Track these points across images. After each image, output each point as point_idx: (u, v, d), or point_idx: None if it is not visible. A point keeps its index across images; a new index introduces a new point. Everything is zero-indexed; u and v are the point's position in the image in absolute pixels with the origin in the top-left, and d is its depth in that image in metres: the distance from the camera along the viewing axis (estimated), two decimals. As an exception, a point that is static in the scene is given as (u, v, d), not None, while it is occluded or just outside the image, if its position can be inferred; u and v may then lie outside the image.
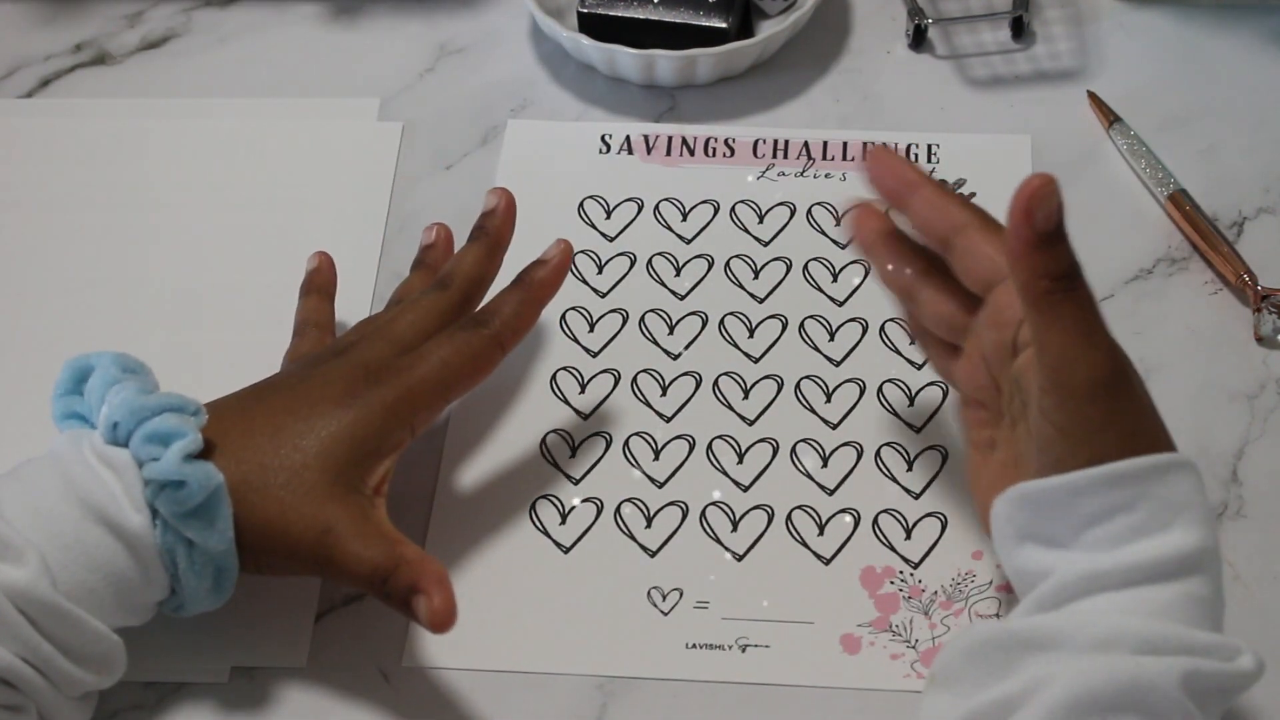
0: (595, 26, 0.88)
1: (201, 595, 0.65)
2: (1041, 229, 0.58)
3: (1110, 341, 0.59)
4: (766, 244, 0.82)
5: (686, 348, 0.79)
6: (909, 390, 0.76)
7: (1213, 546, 0.58)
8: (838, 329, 0.79)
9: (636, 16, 0.87)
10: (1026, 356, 0.61)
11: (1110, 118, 0.86)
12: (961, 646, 0.59)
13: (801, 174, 0.85)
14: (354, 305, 0.80)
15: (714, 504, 0.73)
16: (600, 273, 0.82)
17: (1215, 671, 0.56)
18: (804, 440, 0.75)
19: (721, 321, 0.79)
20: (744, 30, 0.88)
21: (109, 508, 0.62)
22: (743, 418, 0.76)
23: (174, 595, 0.65)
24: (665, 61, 0.86)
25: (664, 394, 0.77)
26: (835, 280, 0.81)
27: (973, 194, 0.83)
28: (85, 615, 0.62)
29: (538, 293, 0.73)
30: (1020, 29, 0.90)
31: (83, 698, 0.64)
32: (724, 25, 0.86)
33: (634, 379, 0.78)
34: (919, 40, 0.90)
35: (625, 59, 0.87)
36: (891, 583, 0.70)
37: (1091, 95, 0.87)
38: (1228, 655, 0.57)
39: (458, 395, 0.70)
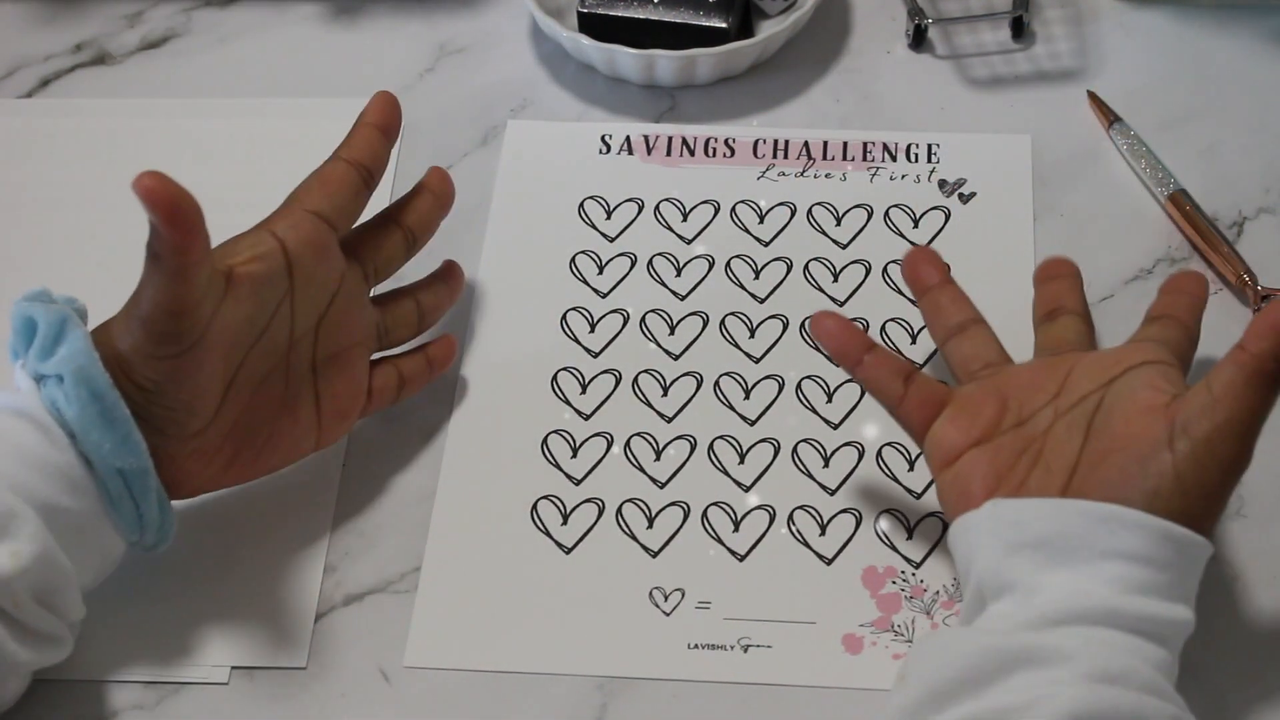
0: (595, 26, 0.87)
1: (108, 449, 0.63)
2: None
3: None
4: (767, 244, 0.82)
5: (687, 348, 0.79)
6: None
7: (1189, 632, 0.60)
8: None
9: (636, 16, 0.87)
10: (1150, 389, 0.62)
11: (1110, 118, 0.86)
12: (948, 650, 0.58)
13: (802, 174, 0.85)
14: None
15: (715, 504, 0.73)
16: (601, 273, 0.82)
17: None
18: (805, 440, 0.75)
19: (722, 322, 0.79)
20: (744, 30, 0.88)
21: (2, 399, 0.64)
22: (744, 418, 0.76)
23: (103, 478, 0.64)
24: (665, 61, 0.86)
25: (665, 394, 0.77)
26: (836, 280, 0.81)
27: (973, 194, 0.83)
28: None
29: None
30: (1020, 29, 0.90)
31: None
32: (724, 25, 0.86)
33: (635, 379, 0.78)
34: (919, 40, 0.90)
35: (625, 59, 0.87)
36: (893, 582, 0.71)
37: (1091, 95, 0.87)
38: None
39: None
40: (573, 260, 0.82)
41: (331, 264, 0.70)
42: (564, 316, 0.80)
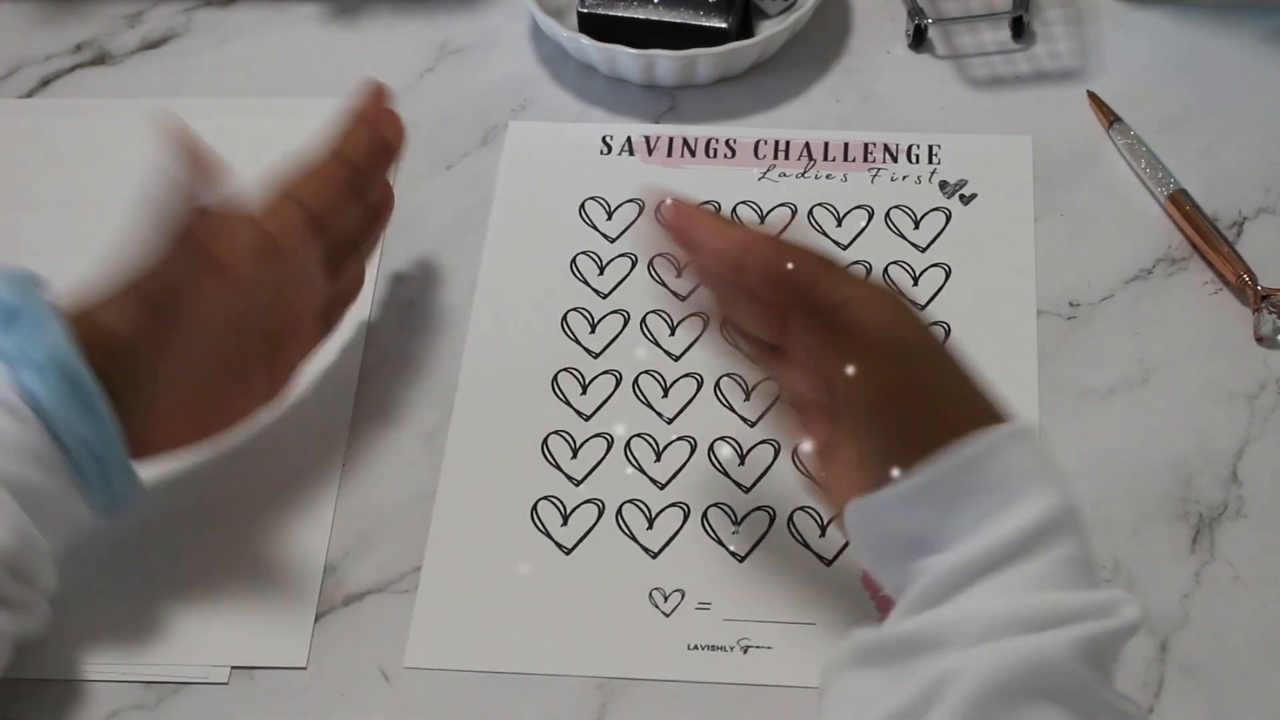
0: (595, 26, 0.87)
1: (84, 433, 0.64)
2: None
3: (885, 353, 0.59)
4: (767, 244, 0.82)
5: (688, 349, 0.79)
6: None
7: (1066, 504, 0.58)
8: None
9: (636, 16, 0.87)
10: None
11: (1110, 118, 0.86)
12: (847, 658, 0.58)
13: (802, 175, 0.85)
14: (353, 305, 0.80)
15: (715, 505, 0.73)
16: (602, 274, 0.82)
17: (1104, 632, 0.55)
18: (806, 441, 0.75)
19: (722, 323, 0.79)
20: (744, 30, 0.88)
21: None
22: (744, 419, 0.76)
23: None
24: (665, 61, 0.86)
25: (665, 395, 0.77)
26: (836, 280, 0.81)
27: (974, 194, 0.83)
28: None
29: None
30: (1020, 29, 0.90)
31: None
32: (724, 25, 0.86)
33: (635, 380, 0.78)
34: (919, 40, 0.90)
35: (625, 59, 0.87)
36: (893, 584, 0.71)
37: (1091, 95, 0.87)
38: (1113, 611, 0.56)
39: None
40: (573, 261, 0.82)
41: (305, 250, 0.71)
42: (564, 317, 0.80)
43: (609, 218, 0.84)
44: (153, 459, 0.69)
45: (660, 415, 0.77)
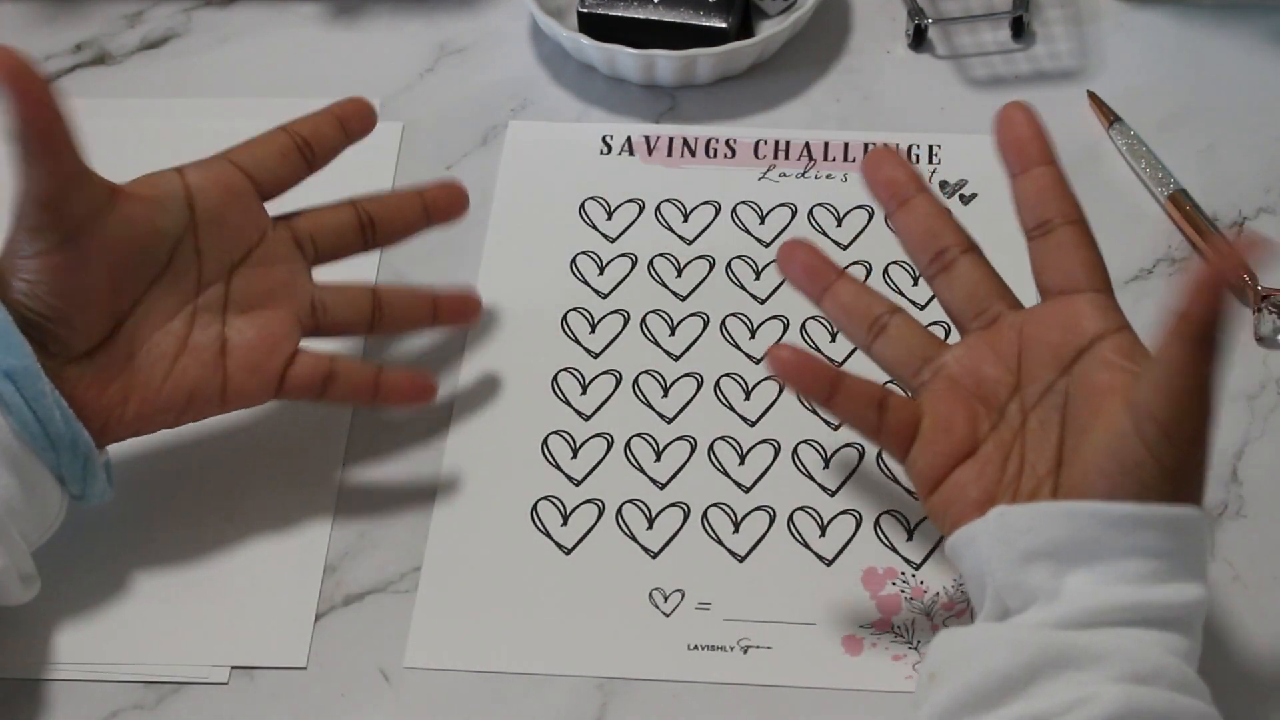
0: (595, 26, 0.87)
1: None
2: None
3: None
4: (768, 245, 0.82)
5: (688, 349, 0.79)
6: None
7: (1204, 609, 0.59)
8: (839, 330, 0.79)
9: (636, 16, 0.87)
10: (1108, 369, 0.62)
11: (1110, 118, 0.86)
12: (983, 650, 0.58)
13: (802, 175, 0.85)
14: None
15: (716, 505, 0.73)
16: (601, 274, 0.82)
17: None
18: (806, 441, 0.75)
19: (723, 322, 0.79)
20: (744, 30, 0.88)
21: None
22: (744, 419, 0.76)
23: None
24: (665, 61, 0.86)
25: (665, 395, 0.77)
26: (836, 281, 0.81)
27: (974, 195, 0.83)
28: None
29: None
30: (1020, 29, 0.90)
31: None
32: (724, 25, 0.86)
33: (635, 380, 0.78)
34: (919, 40, 0.90)
35: (625, 59, 0.87)
36: (893, 584, 0.71)
37: (1091, 95, 0.87)
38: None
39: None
40: (573, 261, 0.82)
41: (246, 213, 0.71)
42: (564, 317, 0.80)
43: (609, 218, 0.84)
44: (103, 434, 0.67)
45: (660, 415, 0.77)
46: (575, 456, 0.75)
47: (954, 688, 0.57)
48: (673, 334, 0.79)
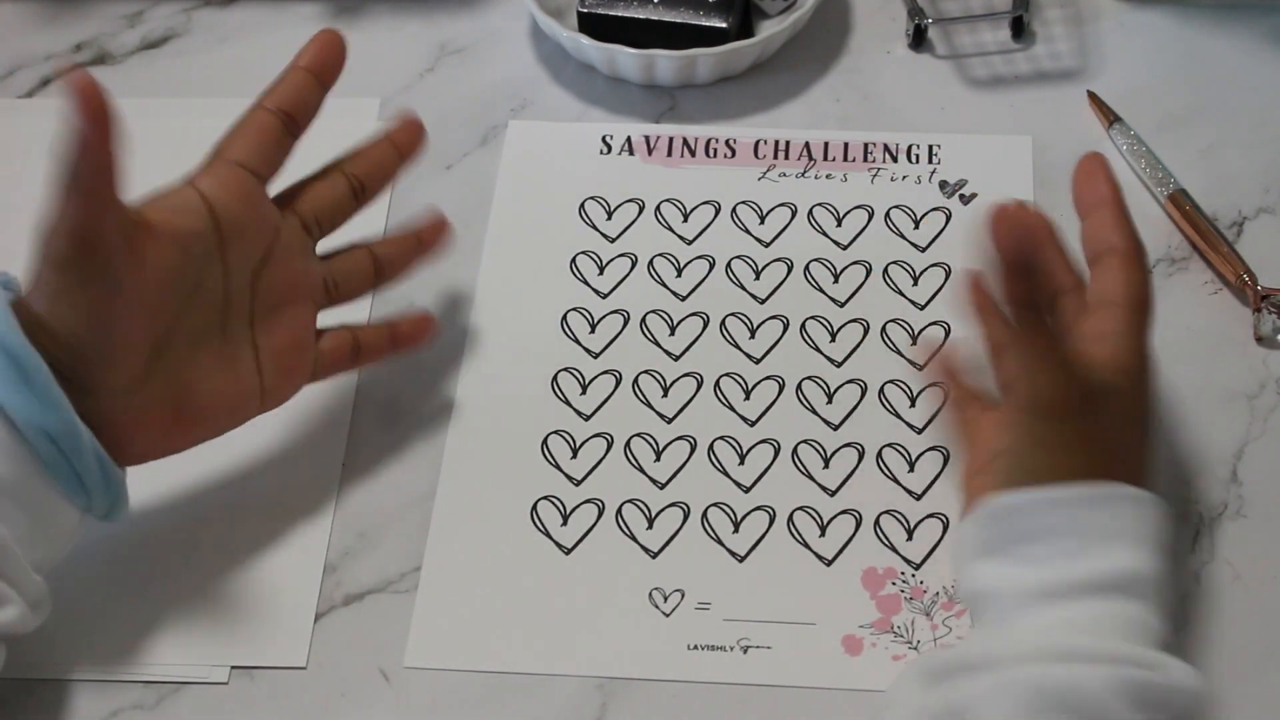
0: (595, 26, 0.87)
1: (30, 410, 0.62)
2: (1008, 259, 0.61)
3: (1072, 370, 0.62)
4: (768, 245, 0.82)
5: (688, 349, 0.79)
6: (910, 391, 0.76)
7: (1152, 576, 0.60)
8: (839, 330, 0.79)
9: (636, 16, 0.87)
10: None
11: (1110, 118, 0.86)
12: (913, 674, 0.59)
13: (802, 175, 0.85)
14: (353, 305, 0.80)
15: (715, 505, 0.73)
16: (601, 274, 0.82)
17: (1150, 682, 0.56)
18: (805, 441, 0.75)
19: (723, 322, 0.79)
20: (744, 30, 0.88)
21: None
22: (744, 419, 0.76)
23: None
24: (665, 61, 0.86)
25: (665, 395, 0.77)
26: (836, 281, 0.81)
27: (974, 194, 0.83)
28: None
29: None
30: (1020, 29, 0.90)
31: None
32: (724, 25, 0.86)
33: (635, 380, 0.78)
34: (919, 40, 0.90)
35: (625, 59, 0.87)
36: (893, 584, 0.70)
37: (1091, 95, 0.87)
38: (1163, 668, 0.57)
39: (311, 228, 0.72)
40: (573, 261, 0.82)
41: (261, 214, 0.70)
42: (564, 317, 0.80)
43: (609, 217, 0.84)
44: (142, 458, 0.68)
45: (660, 415, 0.77)
46: (575, 456, 0.75)
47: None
48: (672, 334, 0.79)
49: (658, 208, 0.84)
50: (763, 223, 0.83)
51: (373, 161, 0.75)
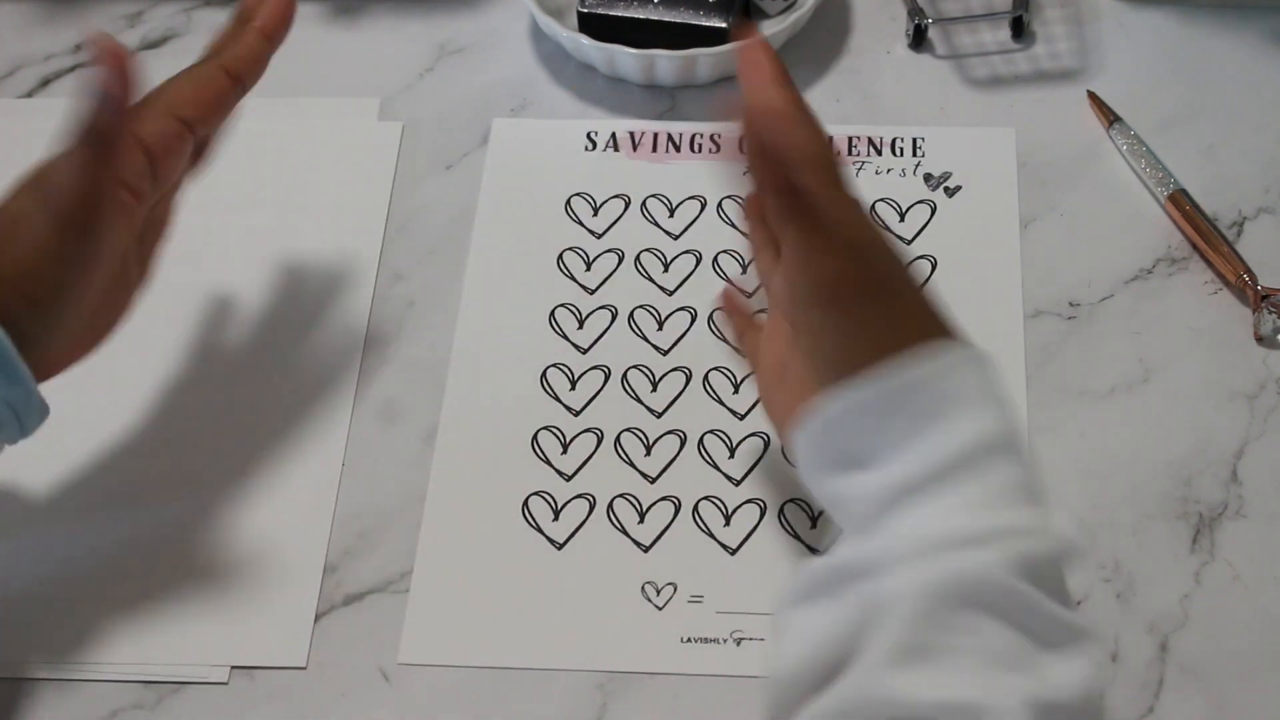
0: (595, 26, 0.88)
1: None
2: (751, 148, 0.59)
3: (845, 249, 0.58)
4: (755, 240, 0.82)
5: (676, 343, 0.79)
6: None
7: (1005, 428, 0.56)
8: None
9: (636, 16, 0.87)
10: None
11: (1110, 118, 0.85)
12: (793, 593, 0.56)
13: (793, 170, 0.85)
14: (353, 305, 0.80)
15: (706, 498, 0.73)
16: (589, 269, 0.82)
17: (1039, 549, 0.54)
18: (795, 434, 0.75)
19: (710, 316, 0.79)
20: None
21: None
22: (734, 412, 0.76)
23: None
24: (665, 61, 0.86)
25: (654, 389, 0.77)
26: (825, 275, 0.81)
27: (958, 187, 0.83)
28: None
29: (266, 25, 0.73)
30: (1020, 29, 0.90)
31: None
32: (724, 25, 0.86)
33: (624, 375, 0.78)
34: (919, 40, 0.90)
35: (625, 59, 0.87)
36: (885, 577, 0.70)
37: (1091, 95, 0.87)
38: (1045, 530, 0.54)
39: (190, 130, 0.69)
40: (560, 257, 0.82)
41: (181, 163, 0.69)
42: (552, 313, 0.80)
43: (595, 214, 0.84)
44: (54, 376, 0.67)
45: (650, 409, 0.76)
46: (565, 452, 0.75)
47: (785, 638, 0.57)
48: (660, 329, 0.79)
49: (644, 203, 0.84)
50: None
51: (245, 50, 0.73)
